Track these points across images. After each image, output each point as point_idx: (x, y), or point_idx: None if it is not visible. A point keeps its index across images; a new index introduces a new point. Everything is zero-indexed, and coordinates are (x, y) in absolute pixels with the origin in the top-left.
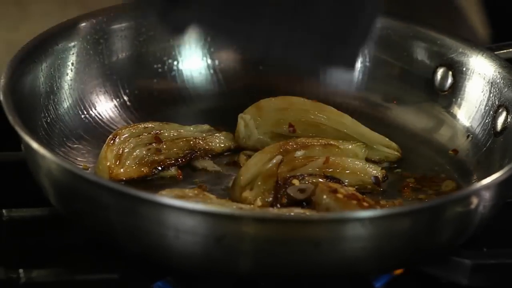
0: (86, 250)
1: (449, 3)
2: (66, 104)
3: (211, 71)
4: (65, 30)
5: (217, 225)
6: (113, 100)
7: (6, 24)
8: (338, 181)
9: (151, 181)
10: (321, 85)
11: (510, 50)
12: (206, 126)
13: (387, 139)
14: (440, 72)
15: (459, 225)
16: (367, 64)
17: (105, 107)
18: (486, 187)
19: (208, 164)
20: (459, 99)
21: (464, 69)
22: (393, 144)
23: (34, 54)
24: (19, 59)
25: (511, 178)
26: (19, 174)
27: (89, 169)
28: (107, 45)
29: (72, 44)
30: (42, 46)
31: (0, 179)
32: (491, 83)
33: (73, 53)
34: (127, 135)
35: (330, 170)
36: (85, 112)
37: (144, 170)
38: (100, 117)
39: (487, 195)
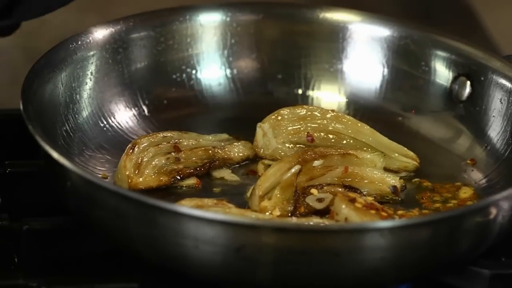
0: (105, 259)
1: (467, 12)
2: (85, 113)
3: (230, 80)
4: (84, 39)
5: (237, 235)
6: (132, 109)
7: (24, 32)
8: (357, 190)
9: (170, 190)
10: (339, 94)
11: None
12: (224, 135)
13: (405, 148)
14: (458, 81)
15: (478, 235)
16: (386, 73)
17: (124, 116)
18: (505, 197)
19: (226, 173)
20: (477, 108)
21: (482, 78)
22: (411, 154)
23: (53, 63)
24: (39, 69)
25: None
26: (39, 183)
27: (108, 178)
28: (126, 54)
29: (91, 53)
30: (62, 56)
31: (19, 188)
32: (509, 92)
33: (92, 62)
34: (146, 144)
35: (348, 179)
36: (104, 121)
37: (163, 179)
38: (119, 126)
39: (506, 205)
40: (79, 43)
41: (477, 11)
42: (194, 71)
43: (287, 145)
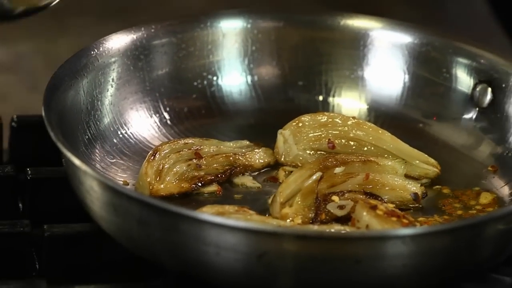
0: (127, 266)
1: (487, 19)
2: (106, 119)
3: (251, 87)
4: (105, 46)
5: (258, 242)
6: (153, 115)
7: (44, 37)
8: (378, 197)
9: (191, 197)
10: (360, 101)
11: None
12: (245, 142)
13: (426, 155)
14: (479, 88)
15: (499, 243)
16: (407, 80)
17: (145, 122)
18: None
19: (247, 180)
20: (498, 115)
21: (503, 85)
22: (432, 161)
23: (75, 70)
24: (61, 75)
25: None
26: (60, 189)
27: (130, 185)
28: (147, 61)
29: (113, 60)
30: (83, 62)
31: (41, 195)
32: None
33: (113, 69)
34: (167, 151)
35: (369, 186)
36: (126, 128)
37: (184, 186)
38: (140, 133)
39: None
40: (101, 49)
41: (494, 17)
42: (215, 78)
43: (308, 152)
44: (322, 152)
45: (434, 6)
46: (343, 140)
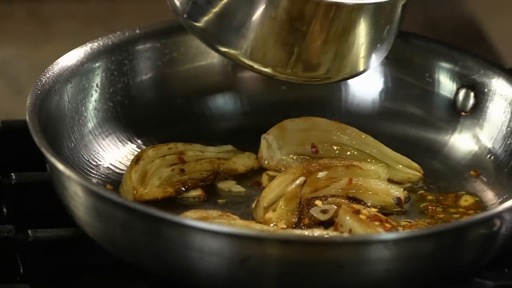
0: (111, 270)
1: (471, 23)
2: (90, 124)
3: (235, 91)
4: (89, 51)
5: (241, 247)
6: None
7: (30, 43)
8: (361, 202)
9: (175, 201)
10: (342, 105)
11: None
12: (229, 147)
13: (409, 159)
14: (462, 93)
15: (481, 247)
16: (389, 84)
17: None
18: (509, 209)
19: (231, 184)
20: (481, 120)
21: (486, 90)
22: (415, 165)
23: (59, 75)
24: (45, 81)
25: None
26: (45, 194)
27: (114, 190)
28: (131, 66)
29: (97, 64)
30: (67, 67)
31: (25, 199)
32: None
33: (97, 74)
34: (151, 155)
35: (352, 191)
36: (110, 133)
37: (168, 190)
38: (124, 137)
39: (509, 217)
40: (85, 54)
41: (481, 22)
42: (199, 83)
43: (291, 156)
44: (306, 157)
45: (418, 11)
46: (326, 145)
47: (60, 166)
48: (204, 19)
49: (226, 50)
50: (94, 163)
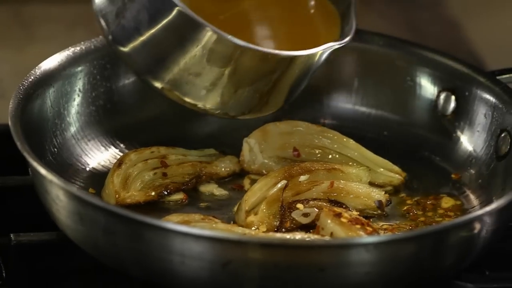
0: (93, 274)
1: (452, 26)
2: (73, 128)
3: None
4: (72, 55)
5: (223, 251)
6: (120, 124)
7: (13, 47)
8: (342, 205)
9: (157, 205)
10: (324, 109)
11: None
12: (211, 150)
13: (390, 163)
14: (443, 96)
15: (462, 250)
16: (370, 88)
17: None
18: (489, 212)
19: (213, 188)
20: (462, 123)
21: (467, 93)
22: (397, 168)
23: (42, 79)
24: (27, 85)
25: None
26: (27, 198)
27: (96, 194)
28: (114, 70)
29: (79, 69)
30: (50, 71)
31: (8, 204)
32: (494, 107)
33: (80, 78)
34: (133, 159)
35: (334, 194)
36: (92, 137)
37: (151, 194)
38: (106, 141)
39: (490, 220)
40: (67, 58)
41: (462, 25)
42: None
43: (273, 160)
44: (287, 160)
45: (400, 15)
46: (308, 148)
47: (42, 170)
48: (129, 45)
49: (147, 79)
50: (77, 167)
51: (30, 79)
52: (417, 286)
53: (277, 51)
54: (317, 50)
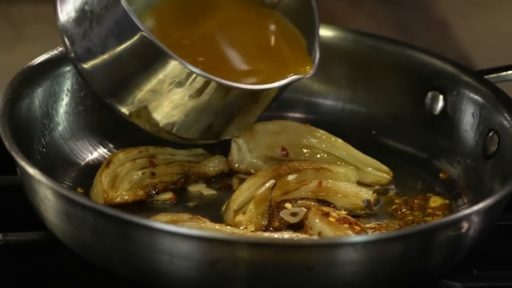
0: (81, 273)
1: (440, 26)
2: (61, 128)
3: None
4: (60, 55)
5: (211, 250)
6: (108, 123)
7: (1, 46)
8: (330, 204)
9: (146, 204)
10: (312, 109)
11: (500, 74)
12: (199, 150)
13: (378, 162)
14: (431, 96)
15: (450, 249)
16: (358, 88)
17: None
18: (477, 211)
19: (201, 187)
20: (450, 122)
21: (454, 93)
22: (385, 168)
23: (30, 79)
24: (16, 85)
25: (501, 202)
26: (15, 198)
27: (84, 193)
28: None
29: (68, 68)
30: (38, 72)
31: None
32: (482, 107)
33: (68, 78)
34: (122, 159)
35: (322, 193)
36: (81, 136)
37: (139, 193)
38: (95, 141)
39: (477, 219)
40: (56, 58)
41: (450, 25)
42: None
43: (261, 159)
44: (276, 160)
45: (389, 14)
46: (296, 148)
47: (31, 170)
48: (93, 66)
49: (109, 101)
50: (65, 167)
51: (18, 79)
52: (405, 285)
53: (240, 85)
54: (280, 84)
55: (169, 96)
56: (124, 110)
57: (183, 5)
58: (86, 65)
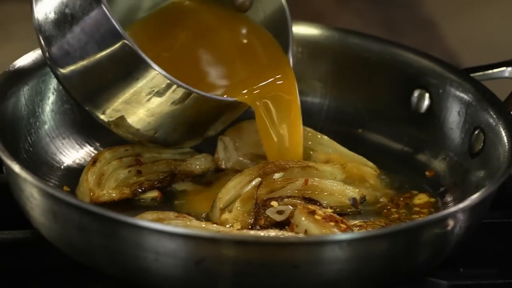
0: (67, 272)
1: (427, 24)
2: (47, 127)
3: None
4: None
5: (196, 248)
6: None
7: None
8: (316, 203)
9: (132, 203)
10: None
11: (486, 72)
12: (186, 148)
13: (365, 159)
14: (417, 94)
15: (435, 246)
16: (344, 85)
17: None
18: (463, 209)
19: (188, 186)
20: (435, 120)
21: (440, 91)
22: (371, 164)
23: (16, 78)
24: (1, 83)
25: (487, 200)
26: (1, 196)
27: (71, 192)
28: None
29: None
30: (24, 70)
31: None
32: (467, 105)
33: (54, 77)
34: (108, 157)
35: (308, 192)
36: (67, 135)
37: (125, 192)
38: (81, 140)
39: (463, 217)
40: (42, 57)
41: (436, 23)
42: None
43: (248, 157)
44: (262, 158)
45: (375, 13)
46: None
47: (16, 168)
48: (70, 70)
49: (88, 108)
50: (51, 165)
51: (4, 77)
52: (391, 283)
53: (219, 97)
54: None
55: (147, 106)
56: (103, 117)
57: (160, 20)
58: (63, 69)
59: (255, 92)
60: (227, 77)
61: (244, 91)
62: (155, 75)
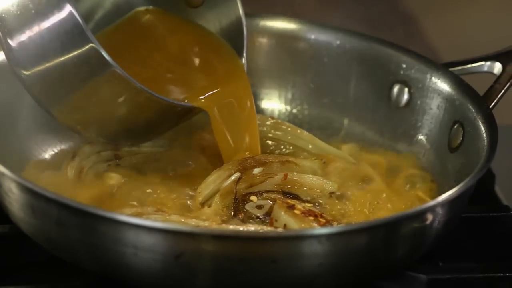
0: (47, 267)
1: (407, 19)
2: (27, 121)
3: None
4: None
5: (175, 243)
6: None
7: None
8: (296, 197)
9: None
10: (280, 102)
11: (465, 67)
12: (163, 141)
13: (344, 153)
14: (396, 88)
15: (414, 241)
16: (324, 80)
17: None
18: (441, 203)
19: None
20: (415, 115)
21: (420, 85)
22: (350, 158)
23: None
24: None
25: (466, 194)
26: None
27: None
28: None
29: None
30: (5, 63)
31: None
32: (446, 99)
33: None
34: (87, 152)
35: (288, 186)
36: (46, 129)
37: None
38: (62, 135)
39: (442, 211)
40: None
41: (416, 18)
42: None
43: None
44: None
45: (356, 8)
46: (261, 140)
47: None
48: (32, 69)
49: (52, 112)
50: (31, 160)
51: None
52: (371, 277)
53: (178, 102)
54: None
55: (111, 108)
56: (58, 115)
57: (121, 32)
58: (25, 69)
59: (211, 97)
60: (183, 84)
61: (201, 97)
62: (119, 78)
